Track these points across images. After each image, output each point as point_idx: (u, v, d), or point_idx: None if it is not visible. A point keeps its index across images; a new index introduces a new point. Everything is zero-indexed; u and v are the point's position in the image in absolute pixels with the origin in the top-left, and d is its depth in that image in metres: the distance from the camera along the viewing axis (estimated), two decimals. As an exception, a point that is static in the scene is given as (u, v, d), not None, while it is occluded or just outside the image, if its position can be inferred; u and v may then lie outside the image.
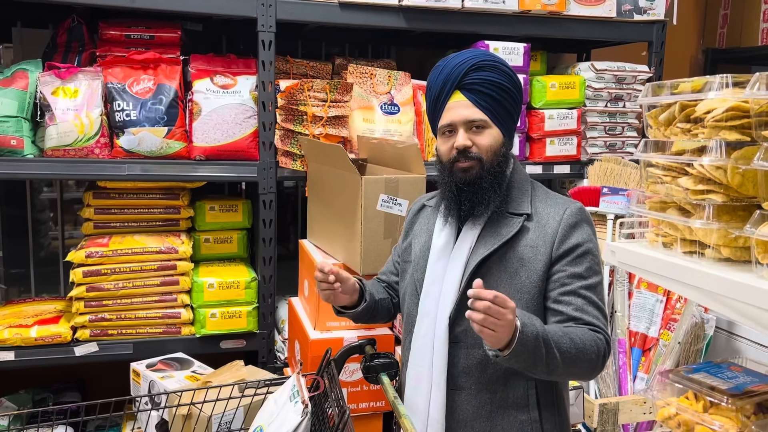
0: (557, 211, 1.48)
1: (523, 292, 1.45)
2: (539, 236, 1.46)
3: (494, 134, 1.49)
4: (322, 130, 2.43)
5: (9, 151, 2.19)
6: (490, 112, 1.47)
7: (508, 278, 1.46)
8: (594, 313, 1.42)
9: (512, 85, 1.50)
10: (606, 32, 2.78)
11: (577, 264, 1.44)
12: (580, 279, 1.43)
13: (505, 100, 1.48)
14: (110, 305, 2.33)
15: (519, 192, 1.52)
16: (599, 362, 1.39)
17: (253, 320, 2.48)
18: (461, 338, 1.49)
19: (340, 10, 2.44)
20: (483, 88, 1.47)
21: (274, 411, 1.57)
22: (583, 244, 1.45)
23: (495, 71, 1.47)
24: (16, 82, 2.24)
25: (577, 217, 1.47)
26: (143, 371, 2.21)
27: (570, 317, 1.42)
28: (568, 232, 1.45)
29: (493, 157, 1.48)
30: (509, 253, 1.46)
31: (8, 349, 2.24)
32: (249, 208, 2.67)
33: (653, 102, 1.00)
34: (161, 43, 2.45)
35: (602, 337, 1.39)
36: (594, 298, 1.43)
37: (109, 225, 2.46)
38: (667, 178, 0.96)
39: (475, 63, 1.47)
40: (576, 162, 2.82)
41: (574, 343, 1.33)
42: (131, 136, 2.30)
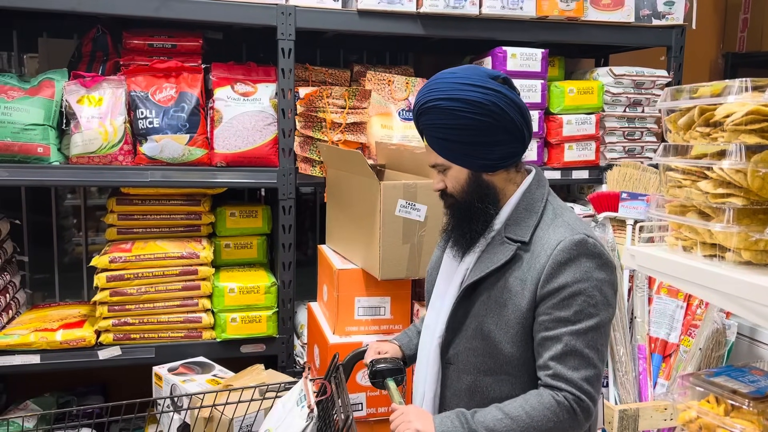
0: (551, 244, 1.36)
1: (509, 326, 1.39)
2: (529, 269, 1.38)
3: (455, 173, 1.44)
4: (341, 136, 2.45)
5: (36, 159, 2.24)
6: (443, 153, 1.44)
7: (497, 308, 1.40)
8: (573, 363, 1.31)
9: (463, 118, 1.38)
10: (624, 37, 2.78)
11: (563, 307, 1.32)
12: (566, 324, 1.32)
13: (456, 135, 1.39)
14: (133, 309, 2.37)
15: (525, 215, 1.43)
16: (563, 423, 1.31)
17: (272, 325, 2.51)
18: (453, 360, 1.47)
19: (358, 17, 2.47)
20: (431, 132, 1.43)
21: (282, 415, 1.59)
22: (572, 284, 1.32)
23: (434, 114, 1.40)
24: (42, 91, 2.29)
25: (571, 253, 1.34)
26: (165, 375, 2.24)
27: (544, 364, 1.35)
28: (556, 269, 1.34)
29: (462, 195, 1.45)
30: (500, 281, 1.40)
31: (34, 353, 2.29)
32: (268, 213, 2.70)
33: (672, 106, 1.01)
34: (183, 51, 2.49)
35: (568, 393, 1.31)
36: (578, 346, 1.31)
37: (131, 231, 2.50)
38: (686, 182, 0.97)
39: (418, 109, 1.43)
40: (595, 167, 2.82)
41: (516, 421, 1.30)
42: (154, 144, 2.34)
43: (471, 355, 1.43)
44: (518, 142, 1.42)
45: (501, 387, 1.41)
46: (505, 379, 1.41)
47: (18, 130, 2.20)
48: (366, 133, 2.53)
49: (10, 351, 2.26)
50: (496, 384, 1.41)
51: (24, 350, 2.27)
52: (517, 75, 2.64)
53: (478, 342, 1.41)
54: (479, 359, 1.42)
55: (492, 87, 1.38)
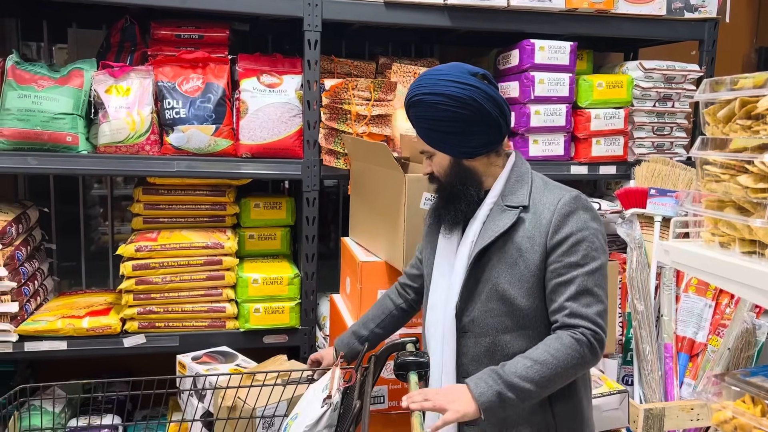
0: (552, 201, 1.53)
1: (524, 281, 1.51)
2: (535, 226, 1.52)
3: (439, 159, 1.62)
4: (366, 128, 2.44)
5: (65, 147, 2.26)
6: (429, 141, 1.61)
7: (509, 268, 1.53)
8: (585, 300, 1.46)
9: (443, 111, 1.53)
10: (655, 31, 2.73)
11: (572, 253, 1.48)
12: (576, 267, 1.47)
13: (438, 126, 1.56)
14: (158, 298, 2.39)
15: (518, 185, 1.59)
16: (588, 357, 1.44)
17: (295, 316, 2.52)
18: (469, 327, 1.57)
19: (385, 9, 2.45)
20: (418, 122, 1.61)
21: (312, 399, 1.61)
22: (576, 233, 1.49)
23: (419, 107, 1.56)
24: (72, 80, 2.31)
25: (571, 206, 1.52)
26: (189, 363, 2.25)
27: (560, 306, 1.48)
28: (561, 221, 1.50)
29: (445, 178, 1.62)
30: (508, 243, 1.53)
31: (61, 339, 2.32)
32: (292, 205, 2.70)
33: (711, 98, 0.98)
34: (210, 42, 2.50)
35: (584, 328, 1.44)
36: (589, 286, 1.47)
37: (157, 220, 2.52)
38: (725, 176, 0.94)
39: (407, 101, 1.60)
40: (623, 163, 2.77)
41: (545, 365, 1.41)
42: (180, 134, 2.35)
43: (488, 317, 1.54)
44: (495, 132, 1.58)
45: (519, 342, 1.52)
46: (522, 334, 1.53)
47: (48, 119, 2.22)
48: (390, 126, 2.52)
49: (38, 337, 2.29)
50: (514, 340, 1.53)
51: (51, 336, 2.30)
52: (545, 68, 2.61)
53: (493, 303, 1.53)
54: (496, 319, 1.54)
55: (470, 83, 1.53)
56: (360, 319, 1.94)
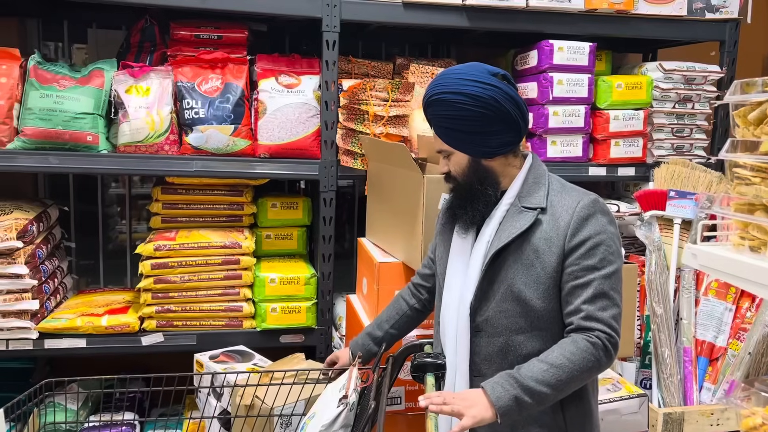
0: (570, 204, 1.54)
1: (539, 283, 1.52)
2: (552, 228, 1.52)
3: (458, 159, 1.61)
4: (383, 129, 2.44)
5: (85, 147, 2.28)
6: (447, 140, 1.61)
7: (525, 269, 1.53)
8: (601, 304, 1.46)
9: (464, 110, 1.53)
10: (675, 31, 2.70)
11: (590, 256, 1.49)
12: (593, 271, 1.48)
13: (458, 125, 1.56)
14: (176, 297, 2.41)
15: (536, 187, 1.59)
16: (601, 361, 1.44)
17: (311, 316, 2.52)
18: (482, 327, 1.57)
19: (404, 10, 2.45)
20: (437, 121, 1.61)
21: (329, 399, 1.61)
22: (595, 236, 1.50)
23: (439, 105, 1.56)
24: (92, 80, 2.33)
25: (590, 209, 1.52)
26: (206, 362, 2.26)
27: (576, 309, 1.48)
28: (579, 224, 1.50)
29: (463, 178, 1.61)
30: (525, 245, 1.53)
31: (80, 337, 2.33)
32: (309, 205, 2.71)
33: (742, 100, 0.97)
34: (229, 43, 2.51)
35: (599, 332, 1.44)
36: (604, 289, 1.47)
37: (175, 219, 2.53)
38: (756, 179, 0.93)
39: (426, 100, 1.60)
40: (641, 164, 2.75)
41: (561, 369, 1.42)
42: (199, 134, 2.36)
43: (502, 318, 1.54)
44: (514, 132, 1.58)
45: (532, 343, 1.53)
46: (536, 335, 1.53)
47: (69, 118, 2.24)
48: (408, 126, 2.51)
49: (58, 334, 2.31)
50: (527, 341, 1.53)
51: (71, 334, 2.32)
52: (563, 69, 2.59)
53: (508, 304, 1.53)
54: (510, 320, 1.54)
55: (491, 82, 1.53)
56: (374, 320, 1.94)
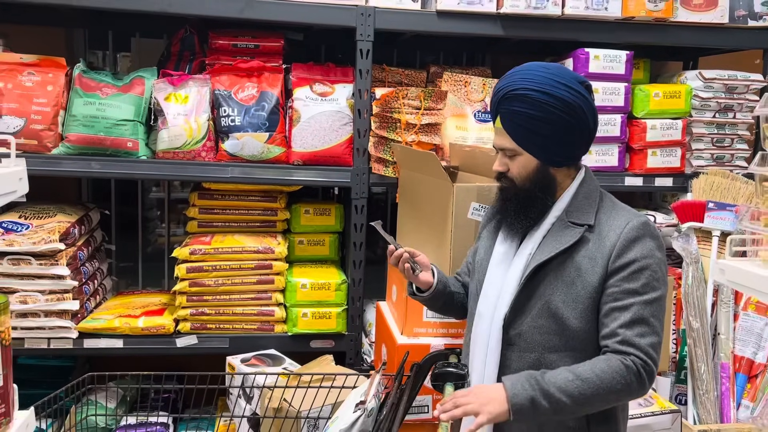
0: (619, 224, 1.49)
1: (578, 302, 1.47)
2: (598, 248, 1.48)
3: (524, 161, 1.53)
4: (415, 137, 2.45)
5: (125, 153, 2.36)
6: (519, 140, 1.52)
7: (565, 287, 1.49)
8: (640, 330, 1.41)
9: (550, 113, 1.47)
10: (716, 39, 2.64)
11: (632, 280, 1.44)
12: (634, 295, 1.43)
13: (538, 127, 1.49)
14: (210, 300, 2.46)
15: (586, 203, 1.54)
16: (635, 386, 1.40)
17: (342, 322, 2.54)
18: (515, 341, 1.54)
19: (437, 18, 2.46)
20: (512, 117, 1.51)
21: (350, 404, 1.63)
22: (640, 260, 1.45)
23: (523, 102, 1.48)
24: (133, 88, 2.41)
25: (639, 232, 1.47)
26: (238, 365, 2.30)
27: (612, 332, 1.43)
28: (626, 246, 1.46)
29: (523, 182, 1.54)
30: (567, 261, 1.49)
31: (118, 337, 2.41)
32: (341, 212, 2.73)
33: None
34: (265, 52, 2.56)
35: (635, 357, 1.39)
36: (645, 315, 1.42)
37: (211, 224, 2.59)
38: (784, 194, 0.91)
39: (504, 94, 1.51)
40: (680, 175, 2.69)
41: (587, 383, 1.38)
42: (235, 141, 2.41)
43: (536, 334, 1.51)
44: (587, 144, 1.56)
45: (565, 362, 1.48)
46: (569, 355, 1.49)
47: (110, 125, 2.32)
48: (440, 135, 2.52)
49: (97, 334, 2.39)
50: (560, 360, 1.49)
51: (109, 334, 2.39)
52: (599, 77, 2.56)
53: (544, 320, 1.49)
54: (545, 337, 1.50)
55: (580, 90, 1.49)
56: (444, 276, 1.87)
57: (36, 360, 2.72)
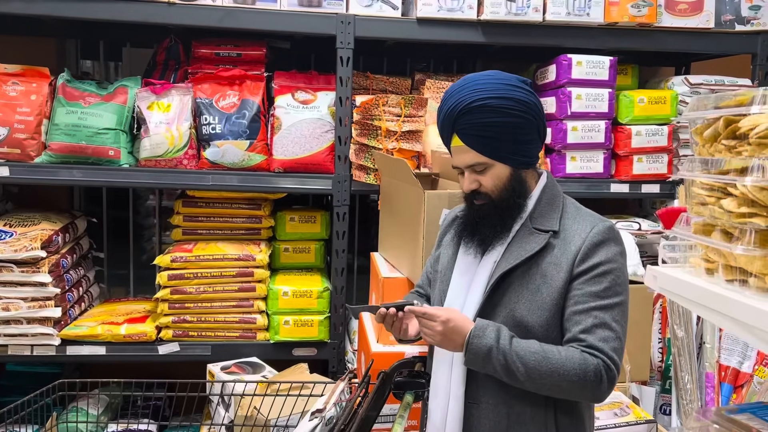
0: (584, 228, 1.46)
1: (544, 309, 1.43)
2: (563, 253, 1.45)
3: (497, 172, 1.47)
4: (396, 144, 2.45)
5: (107, 161, 2.38)
6: (488, 151, 1.45)
7: (530, 294, 1.45)
8: (602, 335, 1.39)
9: (512, 116, 1.44)
10: (702, 44, 2.61)
11: (595, 283, 1.41)
12: (595, 298, 1.40)
13: (504, 134, 1.45)
14: (192, 308, 2.47)
15: (549, 208, 1.50)
16: (591, 385, 1.37)
17: (324, 329, 2.54)
18: None
19: (418, 26, 2.46)
20: (475, 131, 1.45)
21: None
22: (605, 263, 1.42)
23: (485, 111, 1.43)
24: (116, 97, 2.44)
25: (604, 236, 1.44)
26: (218, 373, 2.31)
27: (574, 338, 1.40)
28: (591, 250, 1.43)
29: (501, 193, 1.48)
30: (533, 269, 1.45)
31: (100, 344, 2.42)
32: (327, 219, 2.74)
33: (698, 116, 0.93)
34: (248, 60, 2.58)
35: (600, 361, 1.37)
36: (607, 319, 1.39)
37: (196, 232, 2.60)
38: (711, 199, 0.89)
39: (463, 108, 1.44)
40: (666, 181, 2.66)
41: (548, 362, 1.36)
42: (216, 149, 2.43)
43: None
44: (542, 141, 1.54)
45: None
46: None
47: (92, 133, 2.35)
48: (422, 142, 2.52)
49: (80, 341, 2.41)
50: None
51: (91, 341, 2.41)
52: (583, 83, 2.55)
53: (508, 329, 1.44)
54: None
55: (527, 88, 1.47)
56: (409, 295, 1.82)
57: (24, 367, 2.75)
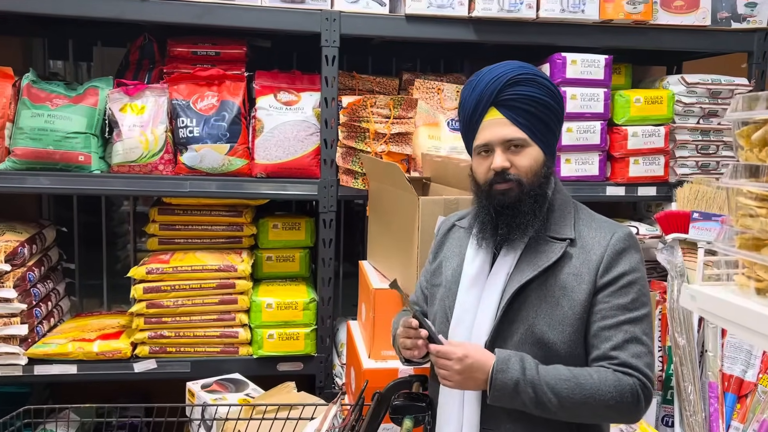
0: (603, 236, 1.37)
1: (566, 324, 1.34)
2: (583, 263, 1.36)
3: (534, 153, 1.38)
4: (385, 147, 2.33)
5: (77, 167, 2.23)
6: (530, 129, 1.37)
7: (549, 308, 1.35)
8: (635, 350, 1.31)
9: (553, 99, 1.39)
10: (698, 42, 2.54)
11: (621, 295, 1.34)
12: (624, 311, 1.33)
13: (545, 116, 1.38)
14: (169, 322, 2.32)
15: (560, 215, 1.41)
16: (628, 407, 1.29)
17: (311, 343, 2.41)
18: None
19: (406, 23, 2.35)
20: (521, 104, 1.36)
21: None
22: (629, 273, 1.35)
23: (534, 85, 1.37)
24: (86, 99, 2.28)
25: (625, 244, 1.37)
26: (198, 392, 2.17)
27: (604, 355, 1.32)
28: (614, 259, 1.35)
29: (533, 179, 1.37)
30: (550, 280, 1.36)
31: (71, 363, 2.26)
32: (312, 226, 2.61)
33: (746, 117, 0.83)
34: (227, 59, 2.44)
35: (635, 380, 1.29)
36: (637, 333, 1.33)
37: (173, 241, 2.46)
38: (762, 211, 0.79)
39: (512, 77, 1.37)
40: (663, 183, 2.58)
41: (582, 388, 1.27)
42: (194, 153, 2.29)
43: None
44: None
45: None
46: None
47: (60, 138, 2.19)
48: (412, 144, 2.40)
49: (48, 360, 2.25)
50: None
51: (61, 360, 2.25)
52: (577, 83, 2.46)
53: (528, 347, 1.35)
54: None
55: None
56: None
57: (-11, 387, 2.57)
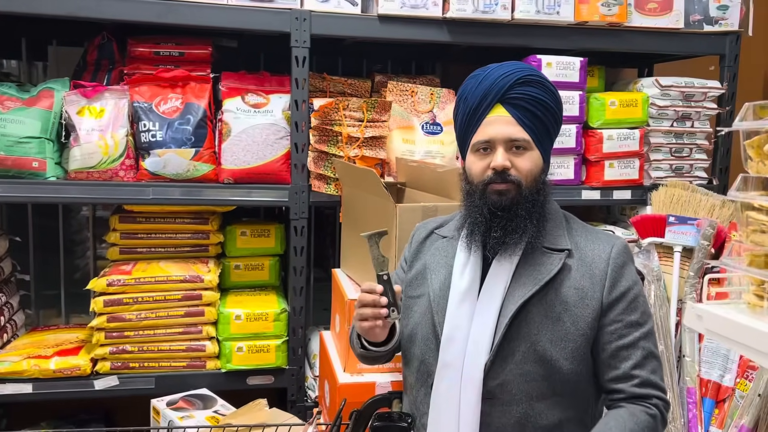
0: (603, 249, 1.35)
1: (568, 341, 1.30)
2: (584, 277, 1.32)
3: (535, 157, 1.34)
4: (358, 151, 2.25)
5: (31, 174, 2.09)
6: (533, 132, 1.33)
7: (551, 324, 1.30)
8: (652, 366, 1.31)
9: (556, 104, 1.37)
10: (672, 45, 2.53)
11: (632, 311, 1.32)
12: (637, 328, 1.31)
13: (548, 121, 1.35)
14: (132, 337, 2.21)
15: (554, 224, 1.37)
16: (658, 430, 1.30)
17: (282, 355, 2.32)
18: (496, 393, 1.31)
19: (379, 23, 2.28)
20: (528, 104, 1.32)
21: None
22: (634, 287, 1.34)
23: (541, 88, 1.34)
24: (40, 101, 2.15)
25: (624, 257, 1.35)
26: (163, 410, 2.06)
27: (625, 375, 1.30)
28: (618, 274, 1.33)
29: (532, 183, 1.33)
30: (551, 294, 1.31)
31: (26, 381, 2.13)
32: (282, 233, 2.52)
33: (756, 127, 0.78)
34: (191, 60, 2.33)
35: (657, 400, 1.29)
36: (652, 348, 1.32)
37: (135, 250, 2.34)
38: (775, 226, 0.74)
39: (522, 77, 1.34)
40: (638, 187, 2.56)
41: None
42: (157, 158, 2.18)
43: (522, 382, 1.30)
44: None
45: (553, 412, 1.31)
46: (557, 402, 1.31)
47: (12, 143, 2.06)
48: (386, 148, 2.33)
49: (1, 379, 2.11)
50: (548, 409, 1.31)
51: (15, 379, 2.12)
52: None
53: (530, 365, 1.30)
54: (532, 385, 1.30)
55: None
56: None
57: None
